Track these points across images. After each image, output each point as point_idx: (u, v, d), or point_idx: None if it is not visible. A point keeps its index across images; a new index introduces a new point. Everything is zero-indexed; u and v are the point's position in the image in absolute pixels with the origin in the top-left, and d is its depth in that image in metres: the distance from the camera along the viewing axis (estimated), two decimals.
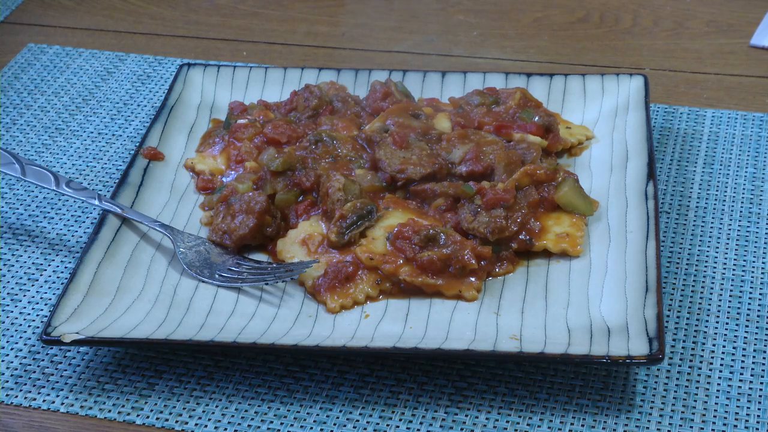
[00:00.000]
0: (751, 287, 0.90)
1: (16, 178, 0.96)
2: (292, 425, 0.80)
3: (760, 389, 0.81)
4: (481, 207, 0.90)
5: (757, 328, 0.86)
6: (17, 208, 1.01)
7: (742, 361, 0.83)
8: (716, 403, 0.80)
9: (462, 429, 0.79)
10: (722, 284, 0.90)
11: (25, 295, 0.92)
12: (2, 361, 0.86)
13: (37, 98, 1.17)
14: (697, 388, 0.81)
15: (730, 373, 0.82)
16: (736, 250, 0.93)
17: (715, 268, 0.92)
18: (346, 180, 0.93)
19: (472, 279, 0.88)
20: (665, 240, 0.94)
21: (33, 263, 0.95)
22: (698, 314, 0.87)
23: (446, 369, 0.83)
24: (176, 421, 0.80)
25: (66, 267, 0.94)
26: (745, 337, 0.85)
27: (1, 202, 1.02)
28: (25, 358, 0.86)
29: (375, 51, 1.25)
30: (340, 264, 0.88)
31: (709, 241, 0.94)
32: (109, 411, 0.81)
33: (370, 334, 0.84)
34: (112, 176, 1.05)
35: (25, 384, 0.84)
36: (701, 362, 0.83)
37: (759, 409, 0.80)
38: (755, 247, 0.94)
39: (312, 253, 0.90)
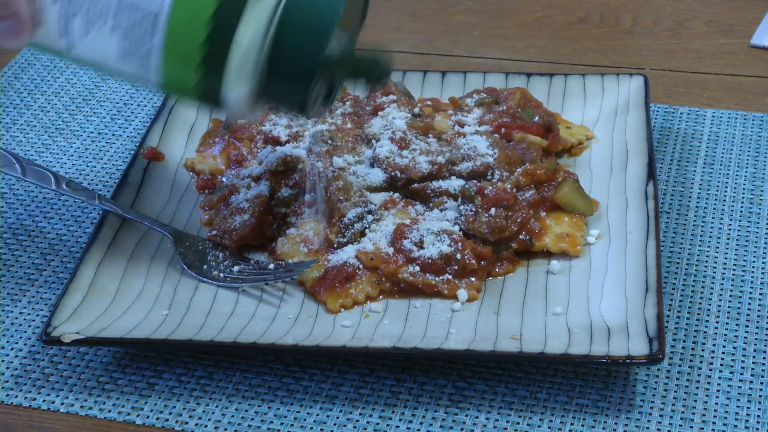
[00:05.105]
0: (751, 287, 0.90)
1: (16, 178, 0.96)
2: (292, 425, 0.80)
3: (760, 389, 0.81)
4: (481, 207, 0.90)
5: (757, 328, 0.86)
6: (17, 208, 1.01)
7: (742, 361, 0.83)
8: (716, 403, 0.80)
9: (462, 429, 0.79)
10: (722, 284, 0.90)
11: (25, 295, 0.92)
12: (2, 361, 0.85)
13: (37, 98, 1.17)
14: (697, 388, 0.81)
15: (730, 373, 0.82)
16: (736, 250, 0.93)
17: (715, 268, 0.92)
18: (346, 180, 0.93)
19: (472, 279, 0.88)
20: (665, 240, 0.94)
21: (33, 263, 0.95)
22: (698, 314, 0.87)
23: (446, 369, 0.83)
24: (176, 421, 0.80)
25: (66, 267, 0.94)
26: (745, 337, 0.85)
27: (1, 202, 1.02)
28: (25, 358, 0.86)
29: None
30: (340, 264, 0.88)
31: (709, 241, 0.94)
32: (109, 411, 0.81)
33: (370, 334, 0.84)
34: (112, 176, 1.05)
35: (25, 384, 0.84)
36: (701, 362, 0.83)
37: (759, 409, 0.80)
38: (755, 247, 0.94)
39: (312, 253, 0.90)
